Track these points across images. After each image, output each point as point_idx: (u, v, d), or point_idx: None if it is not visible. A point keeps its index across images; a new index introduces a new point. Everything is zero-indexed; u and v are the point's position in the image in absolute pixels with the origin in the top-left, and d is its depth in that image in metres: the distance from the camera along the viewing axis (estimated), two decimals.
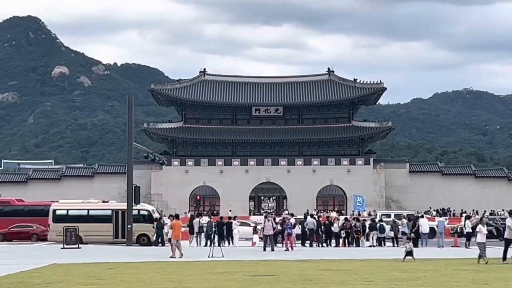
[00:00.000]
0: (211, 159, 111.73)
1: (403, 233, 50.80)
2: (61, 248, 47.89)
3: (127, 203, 55.45)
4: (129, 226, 54.59)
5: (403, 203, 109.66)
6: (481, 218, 48.27)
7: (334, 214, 71.69)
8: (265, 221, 46.99)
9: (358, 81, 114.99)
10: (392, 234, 52.80)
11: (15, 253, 45.41)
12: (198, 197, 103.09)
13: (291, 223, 47.97)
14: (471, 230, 50.65)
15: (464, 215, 74.68)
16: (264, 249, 45.31)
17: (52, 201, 63.09)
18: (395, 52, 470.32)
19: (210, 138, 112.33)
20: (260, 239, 50.09)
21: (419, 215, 59.63)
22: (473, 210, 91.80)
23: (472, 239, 46.51)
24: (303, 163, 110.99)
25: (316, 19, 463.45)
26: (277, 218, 56.41)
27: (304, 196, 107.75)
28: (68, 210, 57.12)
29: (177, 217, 44.10)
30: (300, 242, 52.47)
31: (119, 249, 49.71)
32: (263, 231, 46.90)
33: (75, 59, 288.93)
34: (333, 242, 53.03)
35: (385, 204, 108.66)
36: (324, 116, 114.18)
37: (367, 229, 52.78)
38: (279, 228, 47.78)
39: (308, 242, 52.41)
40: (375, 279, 26.72)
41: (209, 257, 38.65)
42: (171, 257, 39.17)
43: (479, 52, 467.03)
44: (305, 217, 54.72)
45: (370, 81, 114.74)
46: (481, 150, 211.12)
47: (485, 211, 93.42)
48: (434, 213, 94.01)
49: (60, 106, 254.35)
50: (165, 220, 56.50)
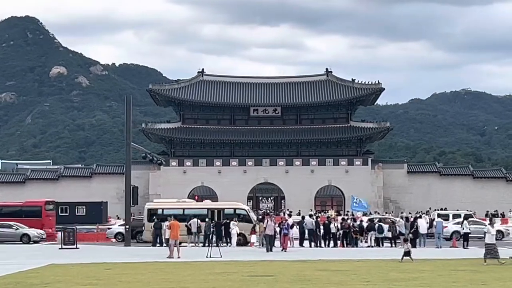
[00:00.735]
0: (209, 159, 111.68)
1: (401, 233, 50.87)
2: (59, 248, 47.96)
3: (125, 203, 55.45)
4: (127, 226, 54.63)
5: (401, 203, 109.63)
6: (490, 220, 48.13)
7: (332, 213, 71.73)
8: (267, 221, 46.90)
9: (356, 81, 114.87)
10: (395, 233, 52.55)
11: (14, 253, 45.41)
12: (196, 197, 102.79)
13: (287, 224, 47.98)
14: (469, 231, 50.69)
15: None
16: (267, 250, 45.21)
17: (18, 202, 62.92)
18: (393, 53, 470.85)
19: (208, 139, 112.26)
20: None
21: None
22: (467, 210, 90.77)
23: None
24: (301, 164, 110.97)
25: (314, 19, 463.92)
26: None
27: (302, 196, 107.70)
28: (163, 209, 56.99)
29: (175, 217, 44.20)
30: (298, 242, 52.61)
31: (117, 250, 49.73)
32: (265, 231, 46.85)
33: (73, 59, 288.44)
34: (331, 243, 53.03)
35: (383, 204, 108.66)
36: (322, 116, 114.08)
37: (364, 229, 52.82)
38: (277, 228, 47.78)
39: (308, 242, 52.50)
40: (373, 279, 26.77)
41: (207, 257, 38.69)
42: (168, 257, 39.21)
43: (477, 53, 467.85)
44: (303, 218, 54.80)
45: (368, 82, 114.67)
46: (479, 150, 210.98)
47: (488, 211, 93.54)
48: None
49: (58, 106, 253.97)
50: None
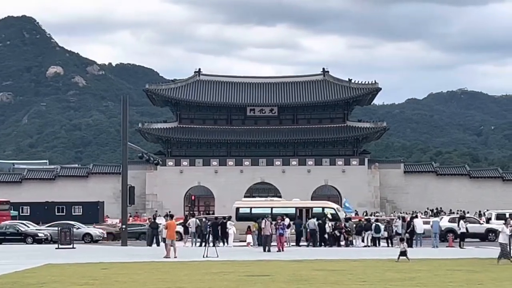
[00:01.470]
0: (206, 159, 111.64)
1: (397, 233, 50.89)
2: (56, 248, 47.91)
3: (121, 203, 55.41)
4: (123, 226, 54.59)
5: (397, 203, 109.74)
6: (505, 220, 48.19)
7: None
8: (265, 221, 46.91)
9: (352, 81, 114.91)
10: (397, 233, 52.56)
11: (10, 253, 45.36)
12: (193, 197, 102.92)
13: (283, 224, 47.96)
14: (465, 231, 50.74)
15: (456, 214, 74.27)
16: (264, 250, 45.26)
17: None
18: (389, 53, 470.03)
19: (205, 138, 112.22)
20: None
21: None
22: (461, 210, 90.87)
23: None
24: (298, 163, 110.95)
25: (311, 19, 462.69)
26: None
27: (299, 196, 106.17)
28: (251, 208, 57.47)
29: (171, 217, 44.20)
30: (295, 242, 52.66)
31: (113, 249, 49.73)
32: (262, 231, 46.84)
33: (69, 59, 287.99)
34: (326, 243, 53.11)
35: (379, 204, 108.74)
36: (318, 116, 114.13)
37: (354, 230, 52.85)
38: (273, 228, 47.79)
39: (306, 242, 52.58)
40: (369, 279, 26.78)
41: (203, 257, 38.66)
42: (165, 257, 39.19)
43: (474, 53, 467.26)
44: (299, 218, 54.90)
45: (365, 82, 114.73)
46: (476, 150, 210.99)
47: (487, 211, 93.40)
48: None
49: (55, 106, 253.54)
50: (160, 221, 56.51)
